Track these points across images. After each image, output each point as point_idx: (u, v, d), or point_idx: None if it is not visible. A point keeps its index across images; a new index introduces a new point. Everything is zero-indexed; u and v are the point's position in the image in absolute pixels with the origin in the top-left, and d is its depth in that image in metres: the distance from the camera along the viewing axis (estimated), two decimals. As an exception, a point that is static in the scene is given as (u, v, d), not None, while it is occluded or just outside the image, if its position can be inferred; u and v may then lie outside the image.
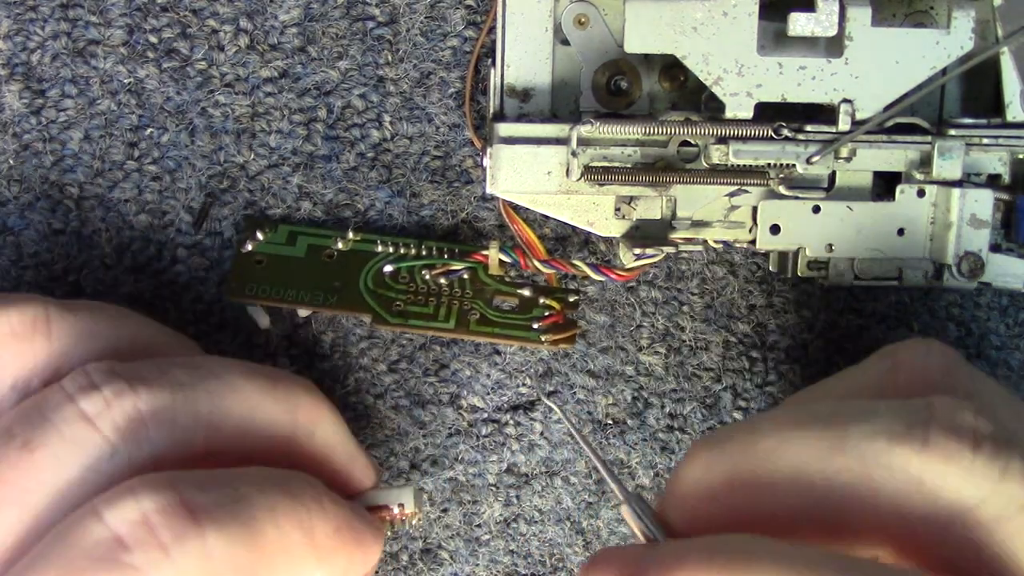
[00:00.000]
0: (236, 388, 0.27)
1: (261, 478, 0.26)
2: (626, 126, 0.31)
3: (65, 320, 0.27)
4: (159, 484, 0.24)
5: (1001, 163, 0.32)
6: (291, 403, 0.28)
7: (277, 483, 0.26)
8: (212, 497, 0.24)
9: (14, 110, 0.33)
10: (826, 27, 0.29)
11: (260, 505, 0.25)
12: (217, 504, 0.24)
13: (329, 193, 0.34)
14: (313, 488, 0.27)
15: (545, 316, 0.33)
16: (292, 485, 0.26)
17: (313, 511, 0.26)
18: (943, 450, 0.22)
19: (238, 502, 0.24)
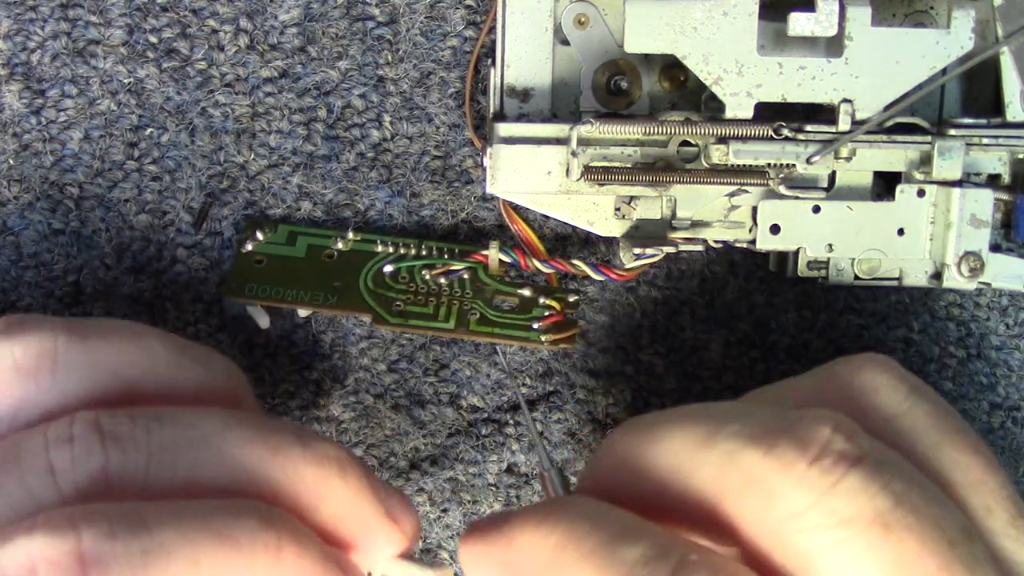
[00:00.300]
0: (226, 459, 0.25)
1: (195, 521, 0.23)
2: (626, 126, 0.31)
3: (73, 351, 0.26)
4: (60, 526, 0.21)
5: (1001, 163, 0.32)
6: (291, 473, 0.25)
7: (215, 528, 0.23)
8: (116, 547, 0.21)
9: (14, 110, 0.33)
10: (826, 27, 0.29)
11: (178, 557, 0.22)
12: (118, 556, 0.21)
13: (329, 193, 0.34)
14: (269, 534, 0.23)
15: (545, 316, 0.33)
16: (238, 531, 0.23)
17: (259, 562, 0.23)
18: (782, 457, 0.23)
19: (148, 553, 0.22)
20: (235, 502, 0.24)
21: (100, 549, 0.21)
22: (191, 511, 0.23)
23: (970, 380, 0.36)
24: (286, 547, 0.24)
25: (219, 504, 0.24)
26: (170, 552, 0.22)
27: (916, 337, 0.36)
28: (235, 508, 0.24)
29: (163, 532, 0.22)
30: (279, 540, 0.23)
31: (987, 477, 0.25)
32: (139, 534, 0.22)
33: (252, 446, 0.25)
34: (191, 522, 0.23)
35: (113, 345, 0.26)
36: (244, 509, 0.24)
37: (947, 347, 0.36)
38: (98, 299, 0.33)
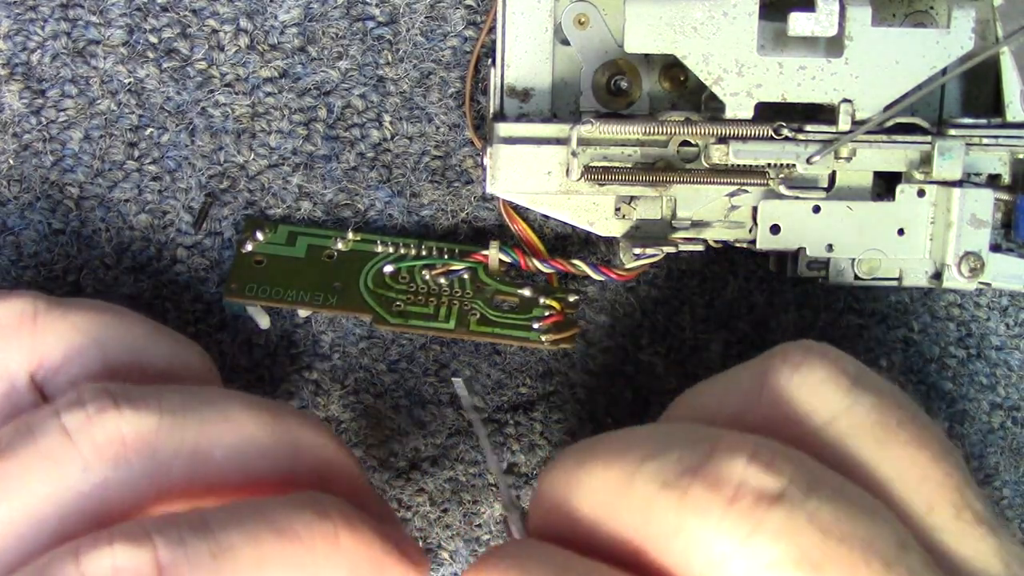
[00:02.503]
0: (231, 419, 0.26)
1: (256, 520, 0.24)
2: (626, 126, 0.31)
3: (53, 315, 0.27)
4: (137, 537, 0.23)
5: (1001, 163, 0.32)
6: (293, 440, 0.27)
7: (275, 524, 0.24)
8: (189, 553, 0.23)
9: (14, 110, 0.33)
10: (826, 27, 0.29)
11: (245, 557, 0.23)
12: (190, 561, 0.23)
13: (329, 193, 0.34)
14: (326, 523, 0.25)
15: (545, 316, 0.33)
16: (296, 524, 0.24)
17: (320, 553, 0.24)
18: (697, 504, 0.22)
19: (216, 556, 0.23)
20: (289, 497, 0.25)
21: (174, 556, 0.23)
22: (250, 510, 0.24)
23: (970, 380, 0.36)
24: (342, 533, 0.25)
25: (275, 501, 0.25)
26: (236, 553, 0.23)
27: (916, 337, 0.36)
28: (291, 503, 0.25)
29: (228, 535, 0.23)
30: (335, 528, 0.25)
31: (930, 471, 0.24)
32: (206, 538, 0.23)
33: (256, 411, 0.26)
34: (252, 521, 0.24)
35: (91, 314, 0.28)
36: (299, 503, 0.25)
37: (947, 347, 0.36)
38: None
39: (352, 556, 0.25)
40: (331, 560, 0.25)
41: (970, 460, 0.37)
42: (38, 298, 0.27)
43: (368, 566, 0.25)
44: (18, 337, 0.27)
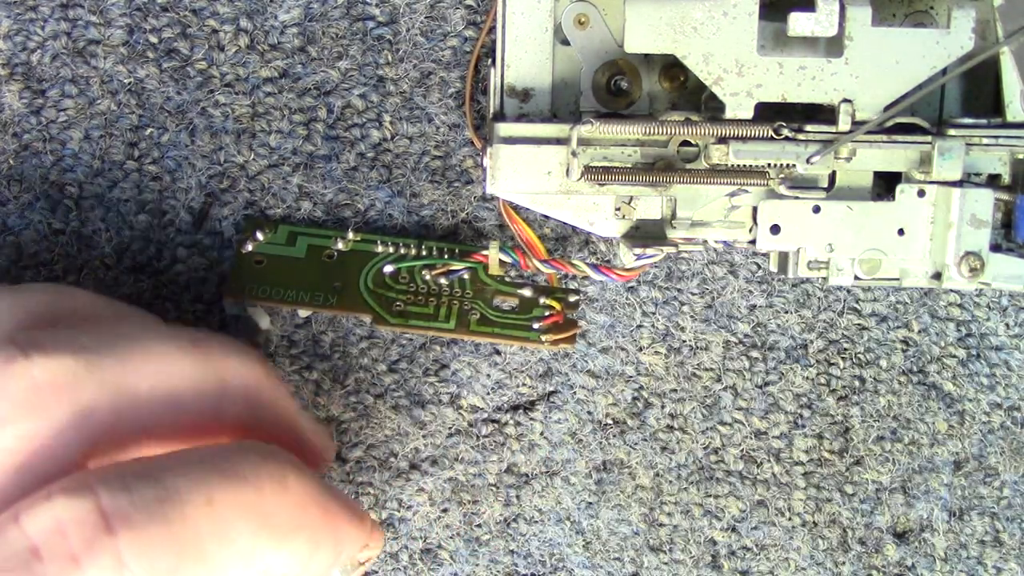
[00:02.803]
0: (150, 351, 0.26)
1: (201, 465, 0.24)
2: (626, 126, 0.31)
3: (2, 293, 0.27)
4: (77, 489, 0.23)
5: (1001, 163, 0.32)
6: (215, 365, 0.27)
7: (220, 467, 0.24)
8: (134, 499, 0.23)
9: (14, 110, 0.33)
10: (826, 27, 0.29)
11: (191, 500, 0.23)
12: (137, 506, 0.23)
13: (329, 193, 0.34)
14: (272, 465, 0.25)
15: (545, 316, 0.33)
16: (243, 467, 0.25)
17: (267, 492, 0.25)
18: None
19: (164, 501, 0.23)
20: (234, 444, 0.26)
21: (118, 503, 0.23)
22: (195, 456, 0.24)
23: (970, 380, 0.36)
24: (289, 474, 0.25)
25: (220, 447, 0.25)
26: (184, 495, 0.23)
27: (916, 337, 0.36)
28: (236, 448, 0.25)
29: (174, 479, 0.23)
30: (282, 471, 0.25)
31: None
32: (152, 484, 0.23)
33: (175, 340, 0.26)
34: (198, 466, 0.24)
35: (38, 292, 0.28)
36: (244, 448, 0.25)
37: (947, 347, 0.36)
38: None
39: (299, 496, 0.25)
40: (281, 503, 0.25)
41: (970, 460, 0.37)
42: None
43: (315, 508, 0.26)
44: None
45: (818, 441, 0.36)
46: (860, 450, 0.36)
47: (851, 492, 0.36)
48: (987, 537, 0.37)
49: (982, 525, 0.37)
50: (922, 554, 0.37)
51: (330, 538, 0.27)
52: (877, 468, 0.36)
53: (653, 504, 0.36)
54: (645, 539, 0.36)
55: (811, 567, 0.36)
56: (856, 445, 0.36)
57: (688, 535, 0.36)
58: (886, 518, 0.37)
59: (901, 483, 0.37)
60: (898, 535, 0.37)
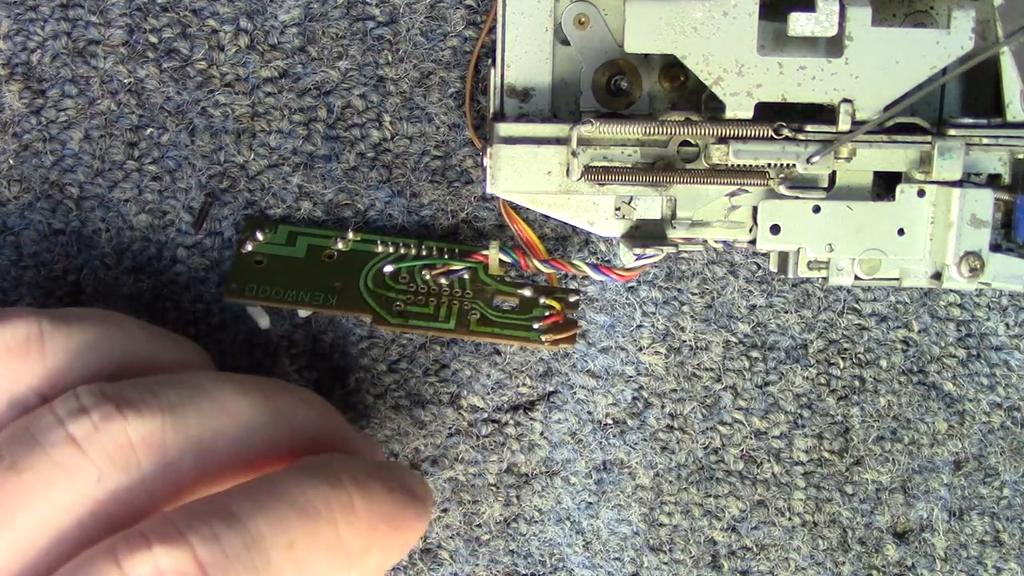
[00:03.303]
0: (228, 407, 0.27)
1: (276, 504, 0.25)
2: (626, 126, 0.31)
3: (59, 333, 0.27)
4: (172, 538, 0.23)
5: (1001, 163, 0.32)
6: (288, 415, 0.28)
7: (296, 504, 0.25)
8: (223, 549, 0.23)
9: (14, 110, 0.33)
10: (826, 27, 0.29)
11: (275, 543, 0.24)
12: (229, 556, 0.23)
13: (329, 193, 0.34)
14: (340, 493, 0.26)
15: (545, 316, 0.33)
16: (315, 500, 0.25)
17: (341, 523, 0.25)
18: None
19: (250, 548, 0.24)
20: (297, 468, 0.26)
21: (212, 553, 0.23)
22: (270, 493, 0.25)
23: (970, 380, 0.36)
24: (356, 498, 0.26)
25: (286, 476, 0.26)
26: (268, 540, 0.24)
27: (916, 337, 0.36)
28: (303, 475, 0.26)
29: (256, 523, 0.24)
30: (350, 496, 0.26)
31: None
32: (238, 530, 0.24)
33: (249, 394, 0.27)
34: (274, 504, 0.25)
35: (94, 327, 0.28)
36: (310, 474, 0.26)
37: (947, 347, 0.36)
38: (98, 299, 0.33)
39: (368, 518, 0.26)
40: (351, 527, 0.26)
41: (970, 460, 0.37)
42: (40, 316, 0.27)
43: (384, 524, 0.26)
44: (27, 360, 0.27)
45: (818, 441, 0.36)
46: (860, 450, 0.36)
47: (851, 492, 0.36)
48: (987, 537, 0.37)
49: (982, 525, 0.37)
50: (922, 554, 0.37)
51: (400, 543, 0.27)
52: (877, 468, 0.36)
53: (653, 504, 0.36)
54: (645, 539, 0.36)
55: (811, 567, 0.36)
56: (856, 445, 0.36)
57: (688, 535, 0.36)
58: (886, 518, 0.37)
59: (901, 483, 0.37)
60: (898, 535, 0.37)
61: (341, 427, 0.30)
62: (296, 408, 0.28)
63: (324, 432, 0.29)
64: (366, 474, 0.27)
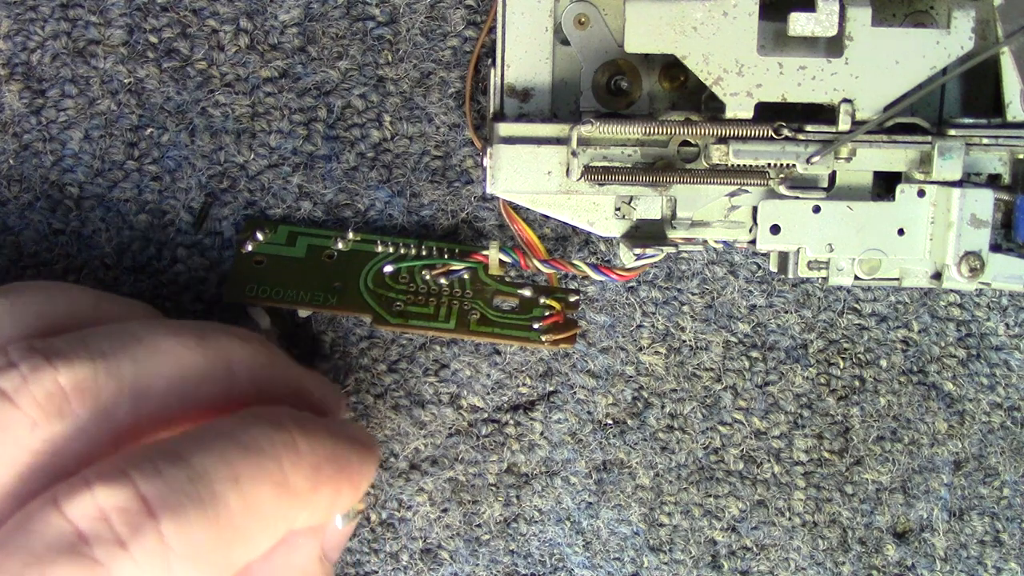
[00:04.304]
0: (160, 350, 0.27)
1: (220, 442, 0.25)
2: (626, 126, 0.31)
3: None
4: (113, 475, 0.24)
5: (1001, 163, 0.32)
6: (220, 353, 0.28)
7: (239, 442, 0.25)
8: (167, 483, 0.24)
9: (14, 110, 0.33)
10: (826, 27, 0.29)
11: (220, 477, 0.24)
12: (172, 490, 0.24)
13: (329, 193, 0.34)
14: (283, 432, 0.26)
15: (545, 316, 0.33)
16: (258, 439, 0.26)
17: (285, 460, 0.26)
18: None
19: (195, 481, 0.24)
20: (245, 414, 0.26)
21: (154, 487, 0.24)
22: (213, 434, 0.25)
23: (970, 380, 0.36)
24: (299, 438, 0.26)
25: (232, 419, 0.26)
26: (212, 474, 0.24)
27: (916, 337, 0.36)
28: (246, 420, 0.26)
29: (199, 459, 0.25)
30: (291, 433, 0.26)
31: None
32: (181, 466, 0.24)
33: (182, 336, 0.27)
34: (219, 442, 0.25)
35: (34, 295, 0.28)
36: (254, 418, 0.26)
37: (947, 347, 0.36)
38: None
39: (312, 458, 0.26)
40: (296, 466, 0.26)
41: (970, 460, 0.37)
42: None
43: (328, 465, 0.27)
44: None
45: (818, 441, 0.36)
46: (860, 450, 0.36)
47: (851, 492, 0.36)
48: (987, 537, 0.37)
49: (982, 525, 0.37)
50: (922, 554, 0.37)
51: (348, 488, 0.28)
52: (877, 468, 0.36)
53: (653, 504, 0.36)
54: (645, 539, 0.36)
55: (811, 567, 0.36)
56: (856, 445, 0.36)
57: (688, 535, 0.36)
58: (886, 518, 0.37)
59: (901, 483, 0.37)
60: (898, 535, 0.37)
61: (284, 363, 0.30)
62: (233, 346, 0.28)
63: (266, 369, 0.29)
64: (308, 420, 0.27)
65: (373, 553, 0.35)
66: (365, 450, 0.28)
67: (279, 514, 0.26)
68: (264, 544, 0.26)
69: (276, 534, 0.26)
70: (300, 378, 0.30)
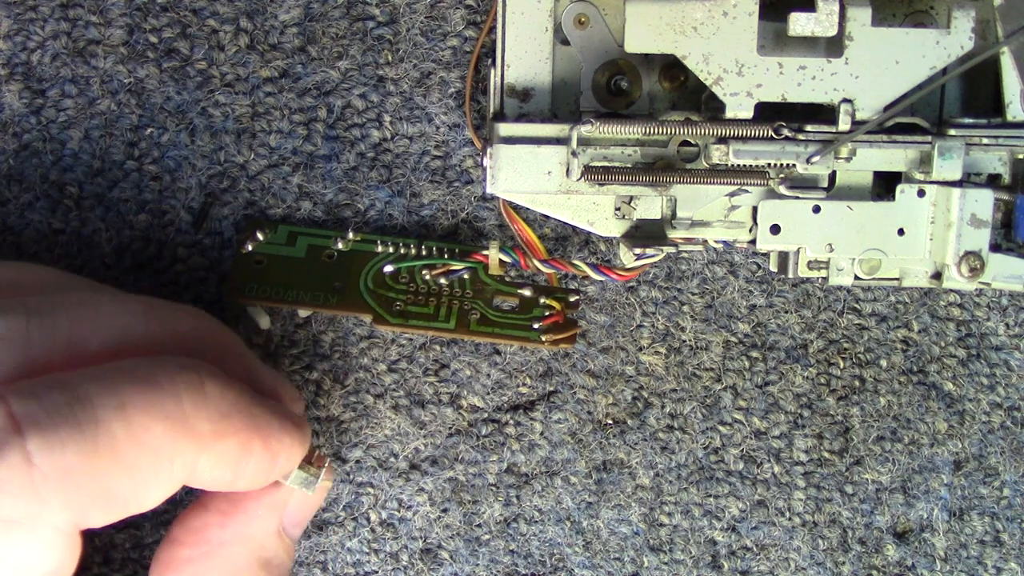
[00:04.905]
0: (103, 311, 0.27)
1: (113, 374, 0.25)
2: (626, 126, 0.31)
3: None
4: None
5: (1001, 163, 0.32)
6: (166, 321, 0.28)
7: (134, 376, 0.25)
8: (43, 403, 0.24)
9: (14, 110, 0.33)
10: (826, 27, 0.29)
11: (104, 404, 0.24)
12: (47, 410, 0.24)
13: (329, 193, 0.34)
14: (190, 373, 0.26)
15: (545, 316, 0.33)
16: (158, 375, 0.25)
17: (186, 399, 0.25)
18: None
19: (74, 404, 0.24)
20: (149, 357, 0.26)
21: (28, 407, 0.24)
22: (109, 368, 0.25)
23: (970, 380, 0.36)
24: (207, 381, 0.26)
25: (135, 360, 0.26)
26: (95, 400, 0.24)
27: (916, 337, 0.36)
28: (153, 360, 0.26)
29: (86, 386, 0.24)
30: (200, 376, 0.26)
31: None
32: (63, 390, 0.24)
33: (126, 304, 0.28)
34: (111, 374, 0.25)
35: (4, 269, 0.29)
36: (161, 360, 0.26)
37: (947, 347, 0.36)
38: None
39: (220, 404, 0.26)
40: (199, 408, 0.26)
41: (970, 460, 0.37)
42: None
43: (239, 416, 0.27)
44: None
45: (818, 441, 0.36)
46: (860, 450, 0.36)
47: (851, 492, 0.36)
48: (987, 537, 0.37)
49: (982, 525, 0.37)
50: (922, 554, 0.37)
51: (260, 444, 0.27)
52: (877, 468, 0.36)
53: (653, 504, 0.36)
54: (645, 539, 0.36)
55: (811, 567, 0.36)
56: (856, 445, 0.36)
57: (688, 535, 0.36)
58: (886, 518, 0.37)
59: (901, 483, 0.37)
60: (898, 535, 0.37)
61: (239, 349, 0.30)
62: (180, 319, 0.28)
63: (217, 347, 0.29)
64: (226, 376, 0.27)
65: (373, 553, 0.35)
66: (289, 421, 0.28)
67: (172, 451, 0.25)
68: (154, 483, 0.25)
69: (171, 475, 0.26)
70: (253, 366, 0.30)
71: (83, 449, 0.24)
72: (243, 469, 0.27)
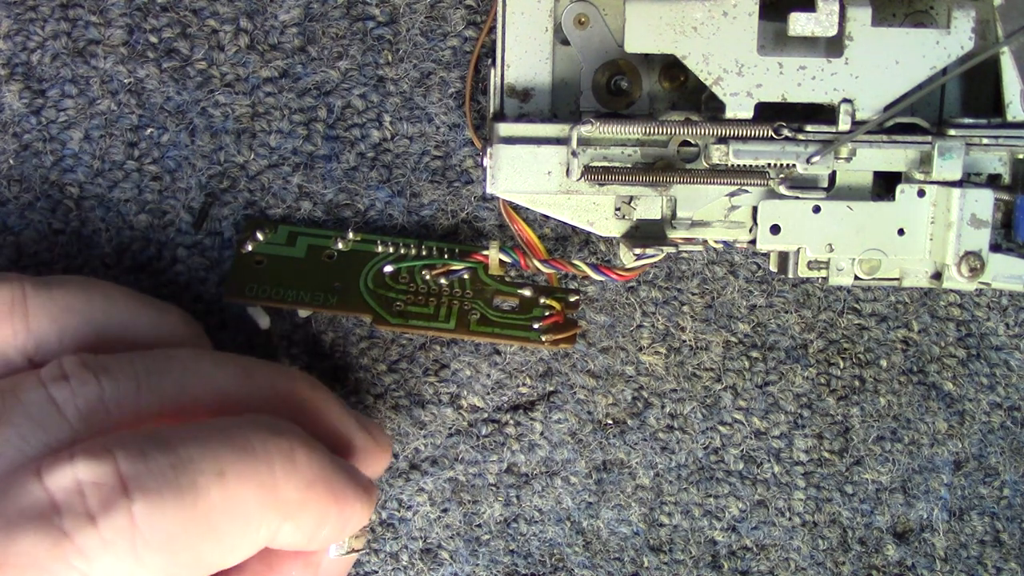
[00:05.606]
0: (203, 375, 0.28)
1: (214, 437, 0.25)
2: (626, 126, 0.31)
3: (40, 297, 0.28)
4: (97, 451, 0.24)
5: (1001, 163, 0.32)
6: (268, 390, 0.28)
7: (233, 441, 0.26)
8: (148, 465, 0.24)
9: (14, 110, 0.33)
10: (826, 27, 0.29)
11: (204, 469, 0.25)
12: (152, 473, 0.24)
13: (329, 193, 0.34)
14: (281, 440, 0.26)
15: (545, 316, 0.33)
16: (253, 441, 0.26)
17: (278, 467, 0.26)
18: None
19: (177, 468, 0.24)
20: (245, 417, 0.27)
21: (135, 468, 0.24)
22: (208, 429, 0.26)
23: (970, 380, 0.36)
24: (298, 450, 0.26)
25: (232, 420, 0.26)
26: (197, 465, 0.25)
27: (916, 337, 0.36)
28: (247, 422, 0.26)
29: (187, 448, 0.25)
30: (291, 445, 0.26)
31: None
32: (166, 451, 0.25)
33: (226, 367, 0.28)
34: (210, 437, 0.25)
35: (75, 292, 0.29)
36: (255, 422, 0.27)
37: (947, 347, 0.36)
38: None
39: (307, 472, 0.27)
40: (288, 476, 0.26)
41: (970, 460, 0.37)
42: (23, 281, 0.28)
43: (322, 485, 0.27)
44: (11, 322, 0.28)
45: (818, 441, 0.36)
46: (860, 450, 0.36)
47: (851, 492, 0.36)
48: (987, 537, 0.37)
49: (982, 525, 0.37)
50: (922, 554, 0.37)
51: (336, 515, 0.28)
52: (877, 468, 0.36)
53: (653, 504, 0.36)
54: (645, 539, 0.36)
55: (811, 567, 0.36)
56: (856, 445, 0.36)
57: (688, 535, 0.36)
58: (886, 518, 0.37)
59: (901, 483, 0.37)
60: (898, 535, 0.37)
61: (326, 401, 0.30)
62: (275, 380, 0.29)
63: (305, 407, 0.29)
64: (314, 442, 0.27)
65: (373, 553, 0.35)
66: (363, 490, 0.29)
67: (261, 518, 0.26)
68: (240, 548, 0.26)
69: (255, 540, 0.26)
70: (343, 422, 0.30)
71: (182, 515, 0.24)
72: (318, 534, 0.28)
